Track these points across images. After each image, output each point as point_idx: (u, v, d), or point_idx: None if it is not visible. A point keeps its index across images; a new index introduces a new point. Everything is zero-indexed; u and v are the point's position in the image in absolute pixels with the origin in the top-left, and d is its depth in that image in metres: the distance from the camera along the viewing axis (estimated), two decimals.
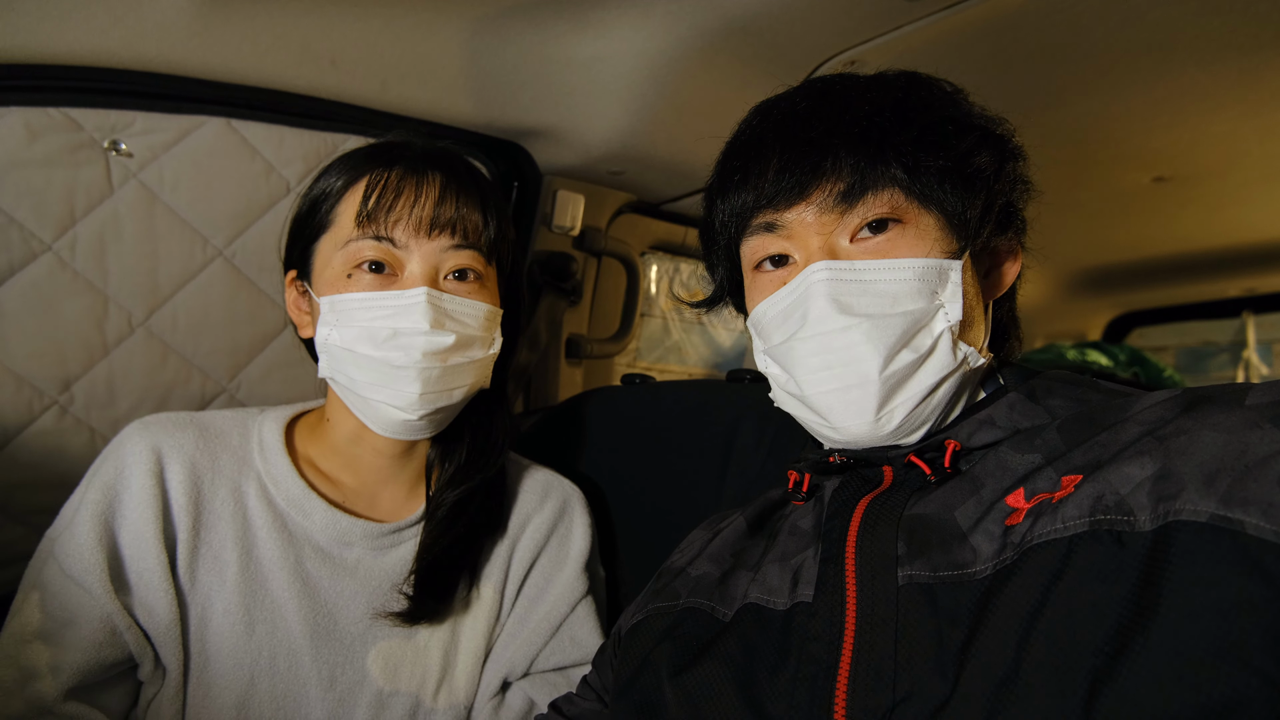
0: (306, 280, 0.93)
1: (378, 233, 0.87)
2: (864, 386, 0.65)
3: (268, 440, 0.95)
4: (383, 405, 0.88)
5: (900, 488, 0.68)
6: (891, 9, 1.02)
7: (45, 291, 1.04)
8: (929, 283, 0.67)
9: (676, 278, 2.07)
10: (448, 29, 1.10)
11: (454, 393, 0.90)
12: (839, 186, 0.68)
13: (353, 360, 0.86)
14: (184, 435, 0.91)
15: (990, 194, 0.70)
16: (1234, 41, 1.09)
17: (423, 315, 0.85)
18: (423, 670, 0.95)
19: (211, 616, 0.87)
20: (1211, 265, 2.36)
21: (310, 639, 0.90)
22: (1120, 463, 0.54)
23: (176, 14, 0.95)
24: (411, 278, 0.88)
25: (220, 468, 0.92)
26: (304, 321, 0.96)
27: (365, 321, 0.86)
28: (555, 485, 1.11)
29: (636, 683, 0.74)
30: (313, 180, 0.95)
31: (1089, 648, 0.47)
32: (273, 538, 0.91)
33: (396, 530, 0.97)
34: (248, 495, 0.92)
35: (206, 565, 0.88)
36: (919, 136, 0.67)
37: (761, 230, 0.73)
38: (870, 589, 0.61)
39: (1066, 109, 1.32)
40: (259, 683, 0.88)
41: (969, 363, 0.68)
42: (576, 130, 1.33)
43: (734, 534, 0.83)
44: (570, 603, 1.04)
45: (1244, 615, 0.43)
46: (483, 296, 0.92)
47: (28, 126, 0.98)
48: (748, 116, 0.78)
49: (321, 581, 0.92)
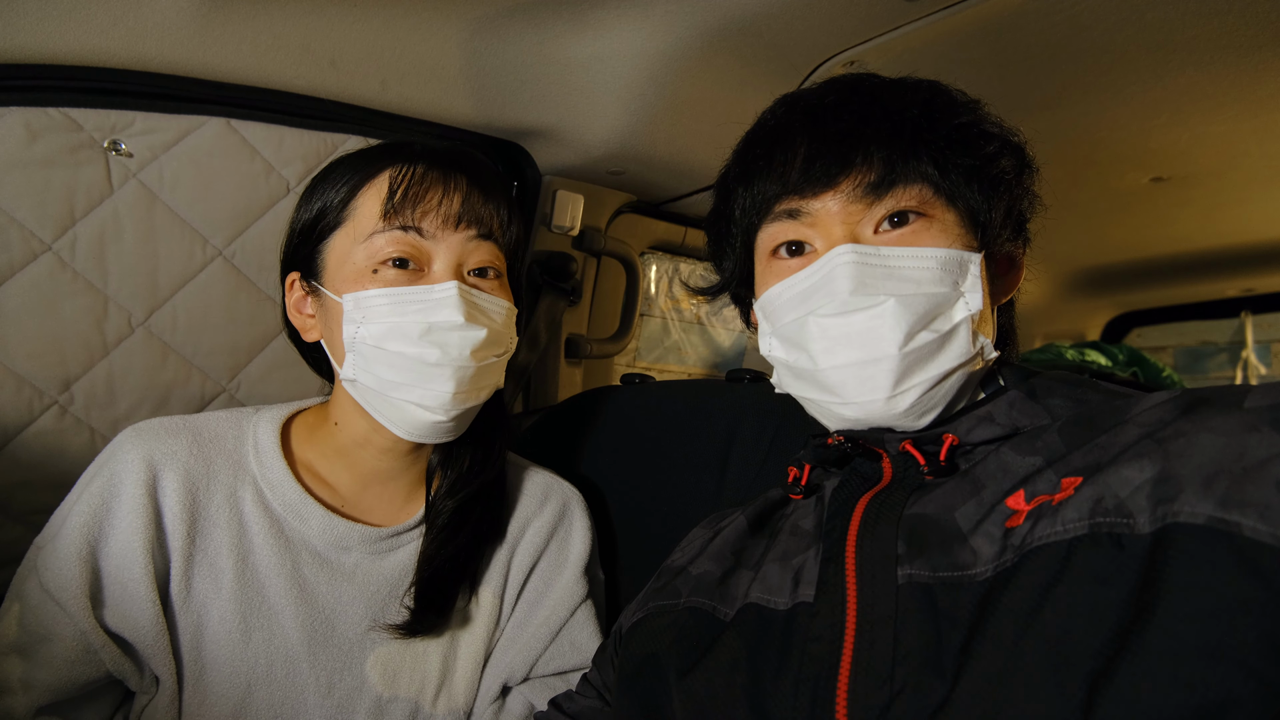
0: (316, 279, 0.90)
1: (405, 223, 0.85)
2: (881, 362, 0.65)
3: (263, 443, 0.94)
4: (411, 407, 0.85)
5: (900, 485, 0.68)
6: (890, 9, 1.02)
7: (45, 291, 1.04)
8: (951, 272, 0.68)
9: (676, 278, 2.07)
10: (447, 29, 1.10)
11: (482, 392, 0.89)
12: (869, 177, 0.68)
13: (383, 359, 0.84)
14: (177, 442, 0.89)
15: (1011, 198, 0.72)
16: (1232, 42, 1.09)
17: (456, 308, 0.84)
18: (422, 676, 0.95)
19: (207, 625, 0.86)
20: (1210, 265, 2.36)
21: (308, 645, 0.89)
22: (1119, 465, 0.54)
23: (176, 14, 0.95)
24: (439, 272, 0.86)
25: (215, 473, 0.90)
26: (308, 325, 0.94)
27: (395, 317, 0.84)
28: (555, 488, 1.10)
29: (640, 681, 0.74)
30: (313, 183, 0.93)
31: (1088, 650, 0.47)
32: (269, 543, 0.90)
33: (394, 535, 0.96)
34: (243, 501, 0.90)
35: (202, 574, 0.87)
36: (948, 135, 0.69)
37: (784, 217, 0.73)
38: (870, 588, 0.61)
39: (1065, 109, 1.32)
40: (256, 691, 0.87)
41: (984, 354, 0.69)
42: (576, 130, 1.33)
43: (735, 533, 0.83)
44: (570, 607, 1.03)
45: (1240, 617, 0.43)
46: (503, 294, 0.92)
47: (28, 126, 0.98)
48: (771, 107, 0.79)
49: (319, 587, 0.91)
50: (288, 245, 0.95)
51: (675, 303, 2.13)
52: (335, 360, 0.90)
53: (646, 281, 2.02)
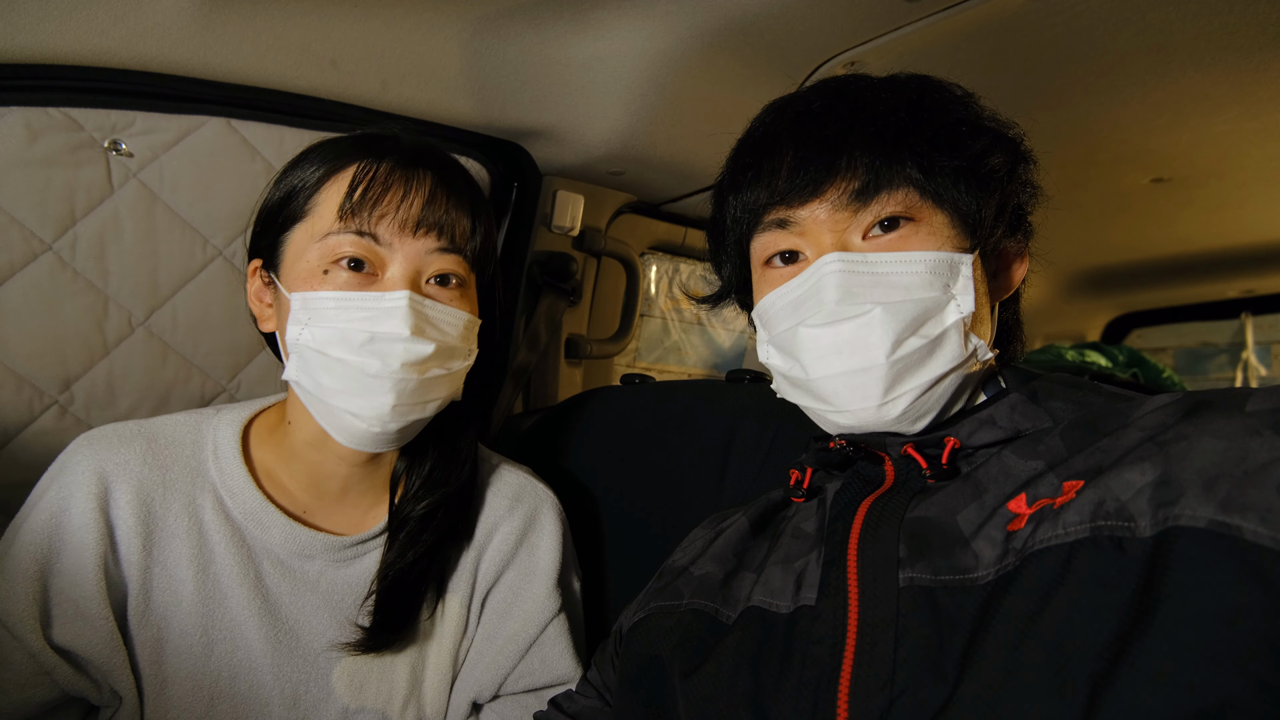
0: (274, 271, 0.87)
1: (360, 228, 0.81)
2: (870, 371, 0.65)
3: (223, 448, 0.90)
4: (348, 416, 0.82)
5: (902, 489, 0.68)
6: (891, 10, 1.02)
7: (45, 291, 1.04)
8: (940, 275, 0.67)
9: (676, 278, 2.07)
10: (448, 29, 1.10)
11: (427, 405, 0.85)
12: (853, 185, 0.68)
13: (323, 364, 0.81)
14: (130, 451, 0.85)
15: (1003, 194, 0.71)
16: (1233, 43, 1.09)
17: (403, 320, 0.80)
18: (389, 687, 0.92)
19: (168, 639, 0.83)
20: (1210, 266, 2.37)
21: (272, 657, 0.87)
22: (1121, 469, 0.54)
23: (177, 14, 0.95)
24: (393, 279, 0.82)
25: (171, 482, 0.86)
26: (265, 315, 0.90)
27: (340, 323, 0.80)
28: (527, 490, 1.04)
29: (643, 681, 0.74)
30: (288, 165, 0.89)
31: (1089, 653, 0.47)
32: (230, 552, 0.86)
33: (359, 543, 0.93)
34: (203, 509, 0.87)
35: (161, 586, 0.84)
36: (934, 136, 0.68)
37: (773, 227, 0.73)
38: (871, 590, 0.61)
39: (1066, 110, 1.32)
40: (219, 704, 0.84)
41: (978, 356, 0.69)
42: (576, 130, 1.33)
43: (736, 534, 0.83)
44: (540, 623, 0.99)
45: (1241, 620, 0.43)
46: (464, 305, 0.88)
47: (28, 126, 0.98)
48: (760, 114, 0.79)
49: (282, 597, 0.88)
50: (254, 230, 0.91)
51: (675, 303, 2.13)
52: (284, 357, 0.87)
53: (646, 282, 2.02)
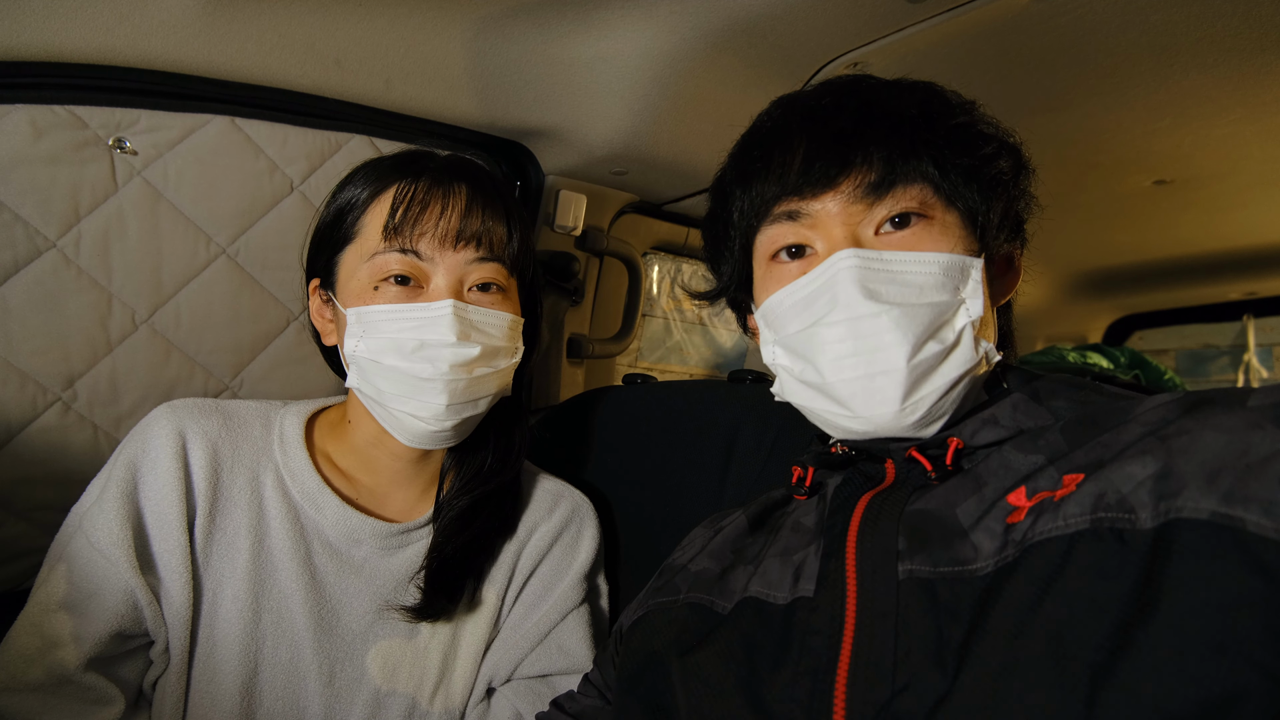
0: (331, 290, 0.95)
1: (404, 245, 0.88)
2: (890, 374, 0.65)
3: (288, 433, 0.97)
4: (409, 417, 0.89)
5: (903, 485, 0.68)
6: (894, 11, 1.02)
7: (49, 288, 1.05)
8: (953, 278, 0.67)
9: (678, 278, 2.07)
10: (452, 29, 1.11)
11: (479, 402, 0.91)
12: (869, 178, 0.68)
13: (380, 372, 0.88)
14: (209, 420, 0.93)
15: (1009, 199, 0.72)
16: (1236, 45, 1.09)
17: (449, 328, 0.86)
18: (421, 672, 0.96)
19: (221, 601, 0.89)
20: (1212, 268, 2.36)
21: (313, 632, 0.91)
22: (1122, 462, 0.54)
23: (181, 12, 0.95)
24: (437, 290, 0.89)
25: (240, 455, 0.93)
26: (327, 330, 0.98)
27: (392, 333, 0.87)
28: (565, 494, 1.12)
29: (642, 679, 0.74)
30: (336, 189, 0.96)
31: (1090, 643, 0.47)
32: (285, 529, 0.92)
33: (405, 531, 0.98)
34: (264, 485, 0.94)
35: (220, 550, 0.90)
36: (947, 136, 0.69)
37: (783, 219, 0.72)
38: (870, 583, 0.61)
39: (1068, 112, 1.32)
40: (262, 671, 0.89)
41: (988, 359, 0.69)
42: (579, 130, 1.33)
43: (735, 531, 0.84)
44: (562, 611, 1.04)
45: (1244, 610, 0.43)
46: (506, 307, 0.93)
47: (33, 124, 0.98)
48: (767, 109, 0.79)
49: (328, 576, 0.94)
50: (309, 250, 0.98)
51: (677, 303, 2.13)
52: (345, 367, 0.94)
53: (649, 282, 2.02)
